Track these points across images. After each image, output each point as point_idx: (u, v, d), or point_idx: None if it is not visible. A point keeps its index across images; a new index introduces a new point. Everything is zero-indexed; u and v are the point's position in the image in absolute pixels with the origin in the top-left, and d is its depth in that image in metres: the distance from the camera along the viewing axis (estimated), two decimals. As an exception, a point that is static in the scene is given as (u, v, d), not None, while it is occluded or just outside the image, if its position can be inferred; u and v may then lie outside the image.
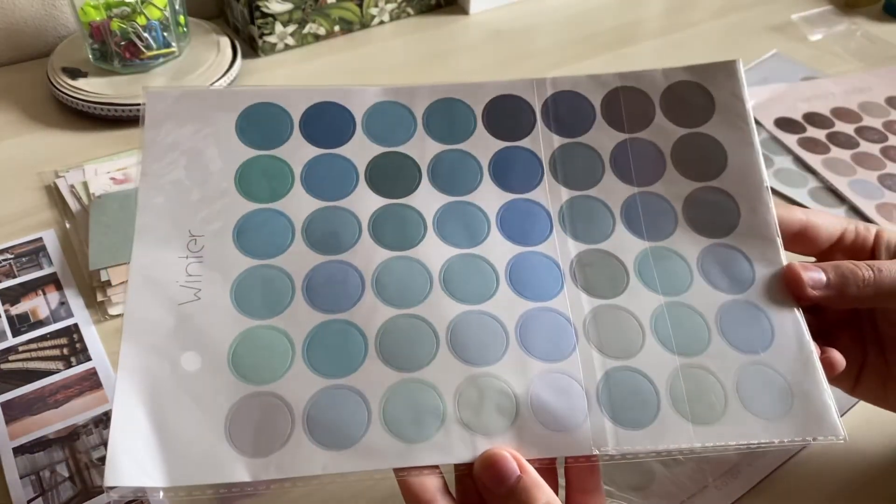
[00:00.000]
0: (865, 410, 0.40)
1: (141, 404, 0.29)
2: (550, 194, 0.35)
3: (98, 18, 0.63)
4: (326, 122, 0.36)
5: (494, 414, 0.30)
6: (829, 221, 0.36)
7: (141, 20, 0.63)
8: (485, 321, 0.32)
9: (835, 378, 0.36)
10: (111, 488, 0.26)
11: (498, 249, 0.34)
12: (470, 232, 0.34)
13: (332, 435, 0.29)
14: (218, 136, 0.35)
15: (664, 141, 0.36)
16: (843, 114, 0.67)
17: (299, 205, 0.34)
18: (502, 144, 0.36)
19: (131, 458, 0.27)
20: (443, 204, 0.34)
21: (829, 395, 0.31)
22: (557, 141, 0.36)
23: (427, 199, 0.34)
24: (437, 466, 0.29)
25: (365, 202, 0.34)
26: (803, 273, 0.33)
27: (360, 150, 0.35)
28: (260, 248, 0.33)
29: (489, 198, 0.35)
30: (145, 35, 0.64)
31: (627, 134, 0.36)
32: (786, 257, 0.34)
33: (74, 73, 0.64)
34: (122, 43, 0.64)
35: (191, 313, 0.31)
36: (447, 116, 0.36)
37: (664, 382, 0.31)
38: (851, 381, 0.37)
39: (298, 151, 0.35)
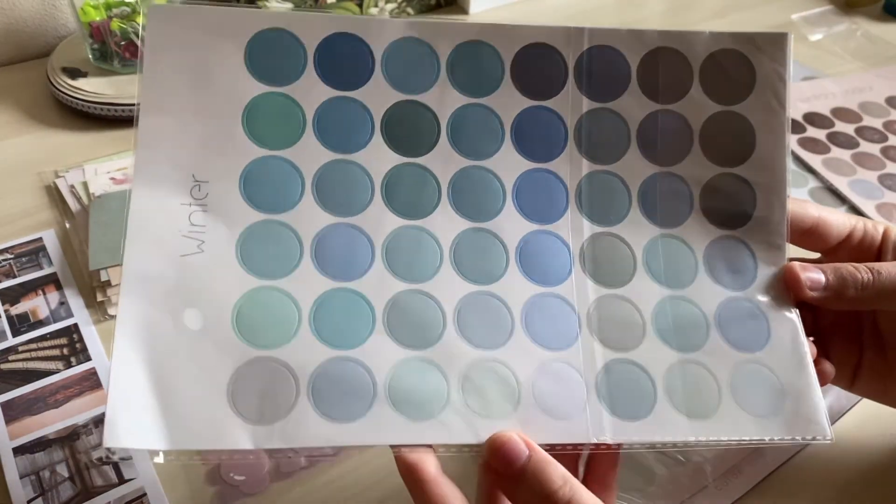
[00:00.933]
0: (867, 410, 0.40)
1: (140, 363, 0.28)
2: (571, 165, 0.34)
3: (98, 18, 0.63)
4: (343, 58, 0.32)
5: (498, 398, 0.30)
6: (840, 219, 0.36)
7: (141, 20, 0.63)
8: (492, 303, 0.32)
9: (831, 379, 0.36)
10: (110, 450, 0.26)
11: (511, 225, 0.33)
12: (485, 203, 0.33)
13: (337, 407, 0.28)
14: (226, 65, 0.31)
15: (695, 117, 0.35)
16: (843, 114, 0.67)
17: (310, 155, 0.32)
18: (529, 103, 0.34)
19: (131, 419, 0.27)
20: (459, 168, 0.33)
21: (820, 397, 0.31)
22: (587, 105, 0.34)
23: (444, 161, 0.33)
24: (431, 446, 0.29)
25: (379, 158, 0.32)
26: (802, 274, 0.33)
27: (378, 96, 0.33)
28: (267, 201, 0.31)
29: (508, 164, 0.33)
30: (145, 35, 0.63)
31: (660, 105, 0.35)
32: (788, 258, 0.34)
33: (74, 73, 0.64)
34: (122, 43, 0.63)
35: (194, 267, 0.29)
36: (474, 63, 0.33)
37: (661, 377, 0.31)
38: (849, 378, 0.37)
39: (311, 91, 0.32)
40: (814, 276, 0.33)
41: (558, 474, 0.27)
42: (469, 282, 0.32)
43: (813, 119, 0.66)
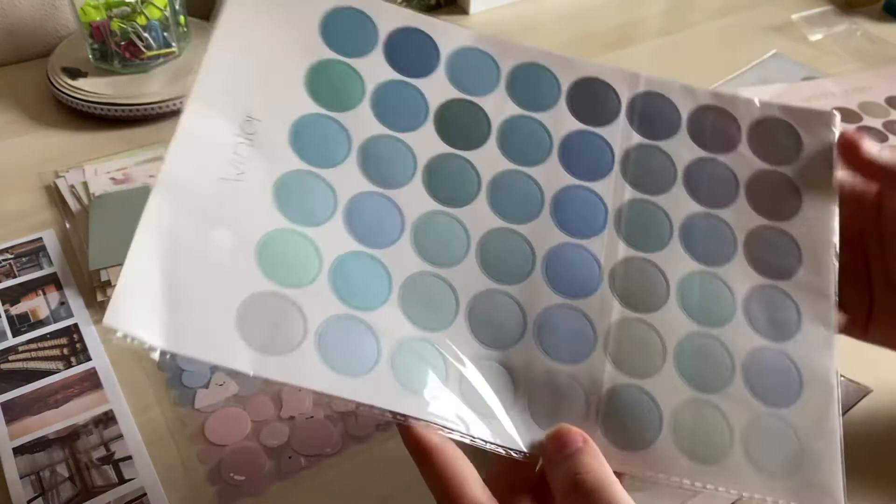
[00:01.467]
0: (869, 407, 0.40)
1: (157, 258, 0.28)
2: (615, 189, 0.34)
3: (98, 18, 0.63)
4: (411, 49, 0.34)
5: (492, 395, 0.30)
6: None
7: (141, 20, 0.63)
8: (508, 305, 0.31)
9: (844, 327, 0.35)
10: (111, 330, 0.25)
11: (545, 234, 0.33)
12: (523, 207, 0.33)
13: (341, 360, 0.28)
14: (301, 25, 0.33)
15: (742, 170, 0.35)
16: (843, 114, 0.66)
17: (362, 123, 0.33)
18: (580, 126, 0.35)
19: (136, 307, 0.27)
20: (503, 169, 0.34)
21: (840, 469, 0.30)
22: (636, 139, 0.35)
23: (488, 160, 0.34)
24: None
25: (427, 142, 0.33)
26: (859, 139, 0.34)
27: (437, 89, 0.34)
28: (312, 154, 0.32)
29: (551, 176, 0.34)
30: (145, 35, 0.64)
31: (708, 153, 0.35)
32: (837, 320, 0.33)
33: (74, 73, 0.64)
34: (122, 43, 0.63)
35: (229, 191, 0.30)
36: (532, 82, 0.35)
37: (670, 411, 0.30)
38: (862, 327, 0.36)
39: (375, 69, 0.34)
40: (869, 142, 0.34)
41: (595, 465, 0.27)
42: (490, 278, 0.32)
43: (813, 119, 0.66)
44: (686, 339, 0.31)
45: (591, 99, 0.35)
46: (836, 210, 0.34)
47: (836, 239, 0.34)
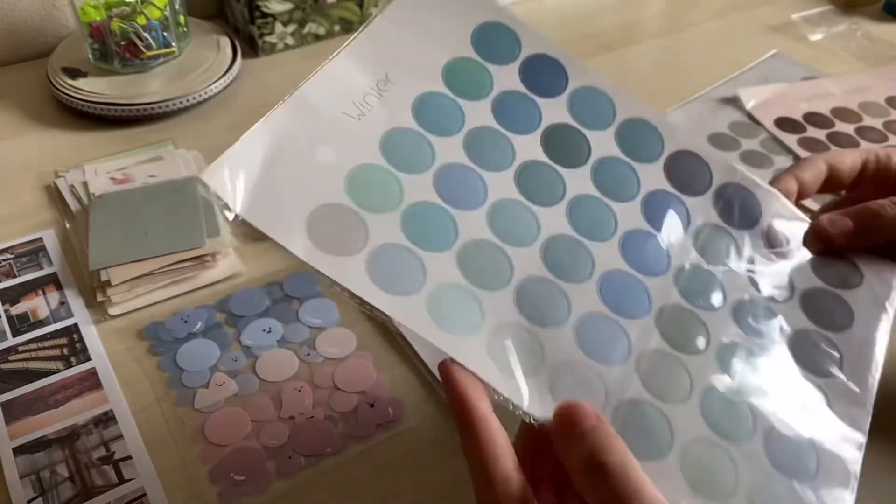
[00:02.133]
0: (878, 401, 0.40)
1: (264, 148, 0.32)
2: (681, 248, 0.36)
3: (98, 18, 0.63)
4: (544, 73, 0.39)
5: (517, 359, 0.31)
6: (849, 159, 0.39)
7: (141, 20, 0.63)
8: (555, 294, 0.33)
9: None
10: (203, 184, 0.30)
11: (609, 257, 0.35)
12: (596, 228, 0.36)
13: (385, 277, 0.31)
14: (456, 25, 0.38)
15: (802, 281, 0.37)
16: (843, 114, 0.67)
17: (479, 114, 0.37)
18: (668, 187, 0.38)
19: (231, 175, 0.30)
20: (588, 193, 0.37)
21: None
22: (713, 218, 0.38)
23: (579, 181, 0.37)
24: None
25: (530, 147, 0.37)
26: (831, 227, 0.36)
27: (554, 111, 0.38)
28: (427, 121, 0.36)
29: (629, 215, 0.36)
30: (145, 35, 0.64)
31: (773, 253, 0.38)
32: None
33: (74, 73, 0.64)
34: (122, 43, 0.64)
35: (346, 124, 0.34)
36: (640, 136, 0.39)
37: (685, 440, 0.31)
38: None
39: (507, 78, 0.38)
40: (841, 224, 0.36)
41: (618, 446, 0.27)
42: (547, 268, 0.34)
43: (813, 119, 0.66)
44: (715, 389, 0.33)
45: (687, 169, 0.39)
46: (885, 341, 0.36)
47: (882, 358, 0.35)
